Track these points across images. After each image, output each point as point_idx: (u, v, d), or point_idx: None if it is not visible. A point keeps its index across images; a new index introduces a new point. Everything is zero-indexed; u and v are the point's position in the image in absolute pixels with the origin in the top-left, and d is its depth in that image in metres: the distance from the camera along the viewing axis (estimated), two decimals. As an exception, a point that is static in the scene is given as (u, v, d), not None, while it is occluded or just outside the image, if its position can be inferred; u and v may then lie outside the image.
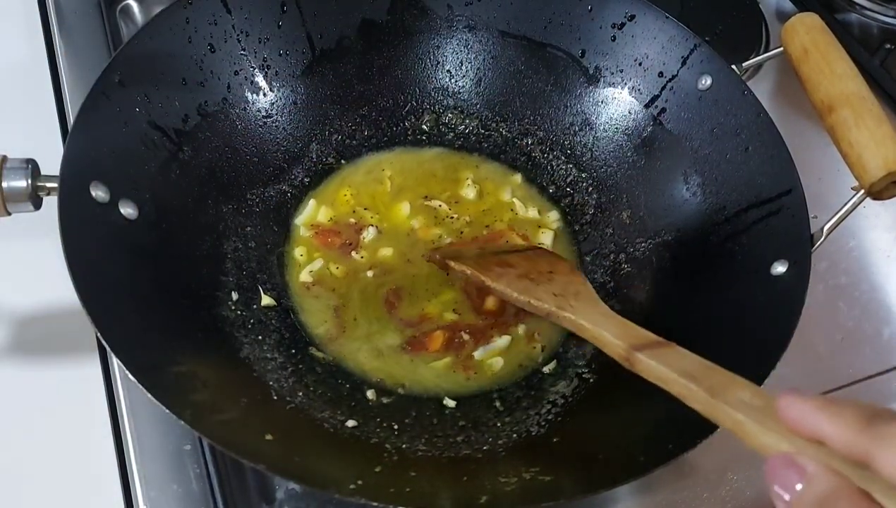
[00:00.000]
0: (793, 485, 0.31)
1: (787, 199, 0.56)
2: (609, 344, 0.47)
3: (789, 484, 0.31)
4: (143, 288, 0.52)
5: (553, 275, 0.56)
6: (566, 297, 0.52)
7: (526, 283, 0.55)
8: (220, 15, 0.63)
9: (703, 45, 0.63)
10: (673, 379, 0.41)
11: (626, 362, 0.45)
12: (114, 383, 0.58)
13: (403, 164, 0.71)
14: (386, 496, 0.44)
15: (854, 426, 0.30)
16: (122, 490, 0.55)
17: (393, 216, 0.67)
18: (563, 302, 0.52)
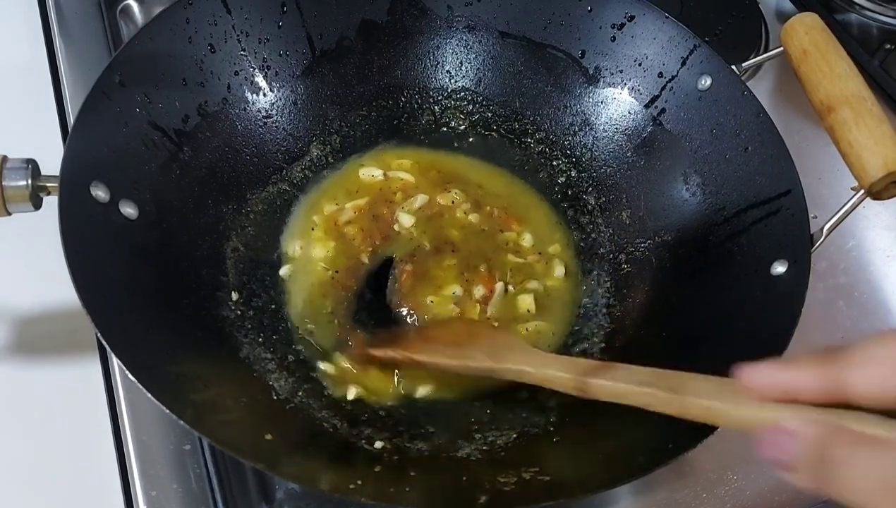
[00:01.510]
0: (786, 450, 0.32)
1: (786, 199, 0.56)
2: (558, 379, 0.48)
3: (783, 450, 0.32)
4: (143, 288, 0.52)
5: (478, 337, 0.55)
6: (499, 351, 0.52)
7: (455, 349, 0.54)
8: (220, 15, 0.63)
9: (703, 46, 0.63)
10: (633, 391, 0.42)
11: (580, 392, 0.46)
12: (114, 383, 0.58)
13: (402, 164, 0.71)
14: (386, 496, 0.44)
15: (815, 368, 0.32)
16: (122, 490, 0.55)
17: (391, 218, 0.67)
18: (498, 357, 0.52)
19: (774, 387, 0.33)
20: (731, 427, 0.35)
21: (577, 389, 0.46)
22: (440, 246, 0.65)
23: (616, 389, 0.43)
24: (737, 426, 0.35)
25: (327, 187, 0.68)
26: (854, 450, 0.30)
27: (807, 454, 0.31)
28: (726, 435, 0.42)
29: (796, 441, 0.32)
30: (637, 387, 0.42)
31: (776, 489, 0.58)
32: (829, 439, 0.31)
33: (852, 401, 0.31)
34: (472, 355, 0.53)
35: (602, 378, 0.44)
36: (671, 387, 0.39)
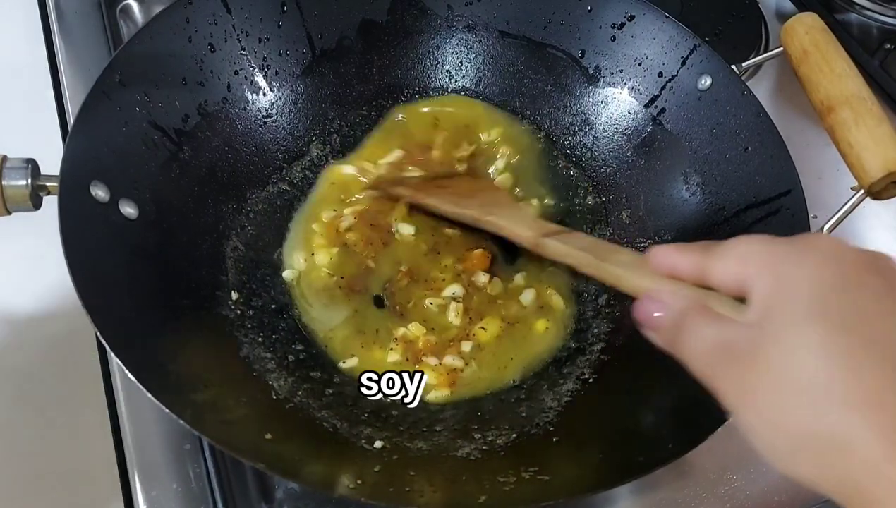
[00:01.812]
0: (653, 314, 0.38)
1: (786, 199, 0.56)
2: (521, 234, 0.57)
3: (651, 314, 0.39)
4: (143, 288, 0.52)
5: (480, 192, 0.65)
6: (489, 207, 0.62)
7: (456, 198, 0.64)
8: (220, 15, 0.63)
9: (703, 45, 0.63)
10: (570, 253, 0.50)
11: (536, 247, 0.54)
12: (114, 383, 0.58)
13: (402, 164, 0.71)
14: (386, 496, 0.44)
15: (696, 254, 0.38)
16: (121, 490, 0.55)
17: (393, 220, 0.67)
18: (485, 210, 0.61)
19: (665, 265, 0.39)
20: (625, 290, 0.42)
21: (534, 245, 0.55)
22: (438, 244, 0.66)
23: (560, 249, 0.52)
24: (628, 290, 0.42)
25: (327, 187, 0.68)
26: (699, 321, 0.36)
27: (667, 319, 0.38)
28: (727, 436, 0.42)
29: (664, 307, 0.38)
30: (574, 250, 0.50)
31: (776, 489, 0.58)
32: (686, 310, 0.37)
33: (713, 286, 0.37)
34: (465, 204, 0.63)
35: (555, 240, 0.53)
36: (598, 254, 0.47)
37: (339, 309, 0.62)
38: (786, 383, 0.32)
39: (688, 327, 0.36)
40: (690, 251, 0.39)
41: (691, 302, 0.37)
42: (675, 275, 0.39)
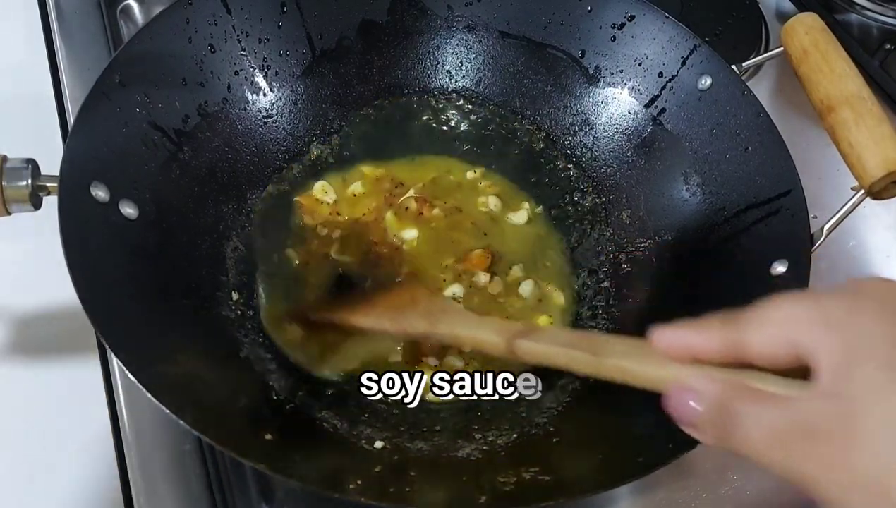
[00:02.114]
0: (690, 407, 0.34)
1: (786, 199, 0.56)
2: (488, 342, 0.49)
3: (687, 408, 0.34)
4: (143, 288, 0.52)
5: (416, 301, 0.56)
6: (435, 315, 0.53)
7: (394, 314, 0.56)
8: (220, 15, 0.63)
9: (703, 46, 0.63)
10: (557, 353, 0.43)
11: (510, 354, 0.47)
12: (114, 383, 0.58)
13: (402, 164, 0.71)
14: (386, 496, 0.44)
15: (717, 330, 0.34)
16: (121, 490, 0.55)
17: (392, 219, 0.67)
18: (434, 321, 0.53)
19: (681, 348, 0.35)
20: (641, 386, 0.37)
21: (507, 351, 0.47)
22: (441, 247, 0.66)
23: (543, 351, 0.44)
24: (646, 384, 0.37)
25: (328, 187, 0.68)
26: (749, 404, 0.32)
27: (709, 410, 0.33)
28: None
29: (699, 398, 0.33)
30: (562, 349, 0.43)
31: (777, 489, 0.58)
32: (729, 395, 0.33)
33: (750, 361, 0.33)
34: (409, 320, 0.54)
35: (531, 340, 0.45)
36: (590, 349, 0.41)
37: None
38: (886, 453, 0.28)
39: (737, 414, 0.32)
40: (709, 327, 0.35)
41: (730, 385, 0.33)
42: (695, 358, 0.35)
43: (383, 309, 0.56)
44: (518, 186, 0.71)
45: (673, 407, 0.35)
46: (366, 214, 0.67)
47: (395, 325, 0.54)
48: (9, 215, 0.51)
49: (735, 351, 0.33)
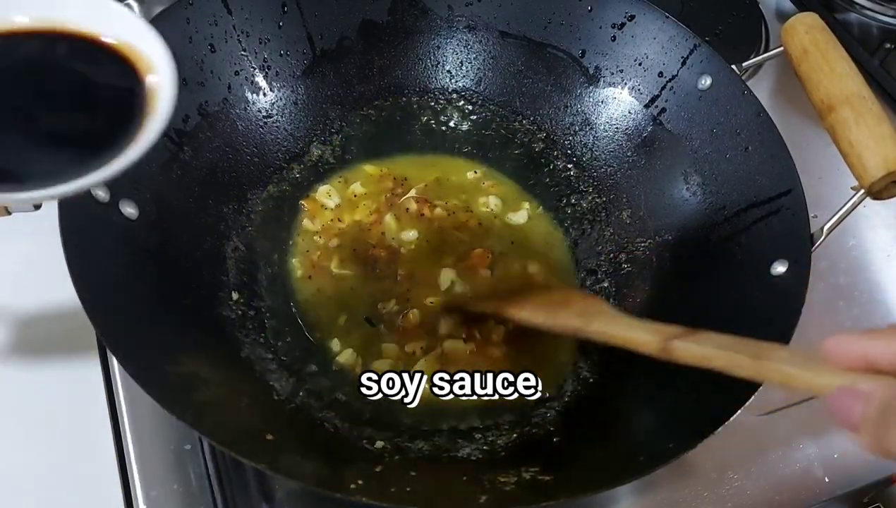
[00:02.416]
0: (854, 410, 0.33)
1: (786, 199, 0.56)
2: (643, 341, 0.49)
3: (851, 410, 0.33)
4: (143, 288, 0.52)
5: (569, 302, 0.58)
6: (588, 316, 0.54)
7: (547, 310, 0.57)
8: (220, 15, 0.63)
9: (703, 45, 0.63)
10: (715, 355, 0.43)
11: (664, 353, 0.47)
12: (114, 383, 0.58)
13: (403, 165, 0.71)
14: (386, 496, 0.44)
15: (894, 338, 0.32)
16: (122, 490, 0.55)
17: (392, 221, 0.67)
18: (587, 320, 0.53)
19: (854, 356, 0.34)
20: (810, 393, 0.37)
21: (661, 351, 0.47)
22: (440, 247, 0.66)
23: (700, 352, 0.44)
24: (816, 391, 0.36)
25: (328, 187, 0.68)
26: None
27: (873, 411, 0.32)
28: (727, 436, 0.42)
29: (864, 401, 0.32)
30: (720, 351, 0.43)
31: (777, 488, 0.58)
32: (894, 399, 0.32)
33: None
34: (563, 315, 0.56)
35: (687, 342, 0.45)
36: (752, 353, 0.40)
37: (340, 309, 0.62)
38: None
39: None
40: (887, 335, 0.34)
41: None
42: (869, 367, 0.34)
43: (538, 304, 0.58)
44: (518, 186, 0.71)
45: (836, 407, 0.34)
46: (366, 217, 0.67)
47: (548, 319, 0.56)
48: (9, 215, 0.51)
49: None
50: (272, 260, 0.63)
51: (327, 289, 0.63)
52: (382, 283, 0.63)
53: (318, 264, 0.64)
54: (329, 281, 0.63)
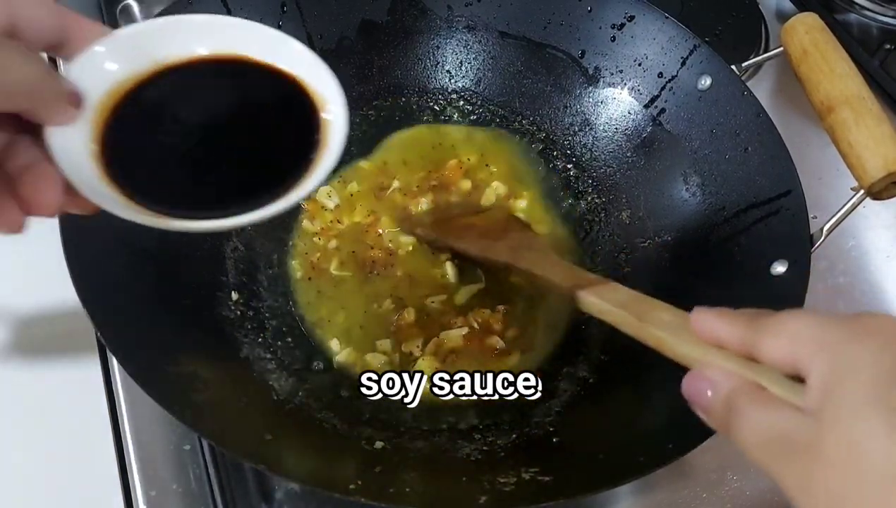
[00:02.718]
0: (704, 393, 0.36)
1: (786, 199, 0.56)
2: (556, 285, 0.53)
3: (701, 394, 0.36)
4: (143, 289, 0.52)
5: (509, 233, 0.62)
6: (520, 250, 0.58)
7: (485, 242, 0.61)
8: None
9: (703, 46, 0.63)
10: (609, 310, 0.46)
11: (571, 299, 0.50)
12: (114, 383, 0.58)
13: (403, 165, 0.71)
14: (386, 496, 0.44)
15: (742, 325, 0.35)
16: (122, 490, 0.55)
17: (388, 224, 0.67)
18: (517, 255, 0.58)
19: (709, 333, 0.37)
20: (672, 358, 0.39)
21: (569, 296, 0.51)
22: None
23: (598, 306, 0.48)
24: (675, 357, 0.39)
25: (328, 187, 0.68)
26: (751, 405, 0.33)
27: (718, 401, 0.35)
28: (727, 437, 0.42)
29: (713, 387, 0.35)
30: (613, 307, 0.46)
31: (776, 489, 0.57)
32: (738, 391, 0.34)
33: (762, 362, 0.34)
34: (495, 249, 0.59)
35: (591, 294, 0.48)
36: (639, 313, 0.43)
37: (339, 310, 0.62)
38: (852, 476, 0.29)
39: (741, 412, 0.34)
40: (737, 321, 0.36)
41: (742, 382, 0.35)
42: (719, 345, 0.37)
43: (478, 234, 0.62)
44: (518, 186, 0.71)
45: (689, 389, 0.37)
46: (364, 219, 0.67)
47: (482, 251, 0.60)
48: None
49: (751, 351, 0.35)
50: (272, 260, 0.63)
51: (327, 290, 0.63)
52: (381, 284, 0.63)
53: (317, 265, 0.64)
54: (328, 282, 0.63)
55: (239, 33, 0.40)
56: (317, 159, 0.38)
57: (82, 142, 0.36)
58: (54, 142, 0.35)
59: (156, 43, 0.39)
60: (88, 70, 0.37)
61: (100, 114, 0.37)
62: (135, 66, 0.38)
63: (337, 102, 0.39)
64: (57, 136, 0.35)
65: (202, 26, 0.39)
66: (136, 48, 0.38)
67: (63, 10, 0.35)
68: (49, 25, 0.35)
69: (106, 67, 0.37)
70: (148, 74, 0.38)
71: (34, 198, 0.34)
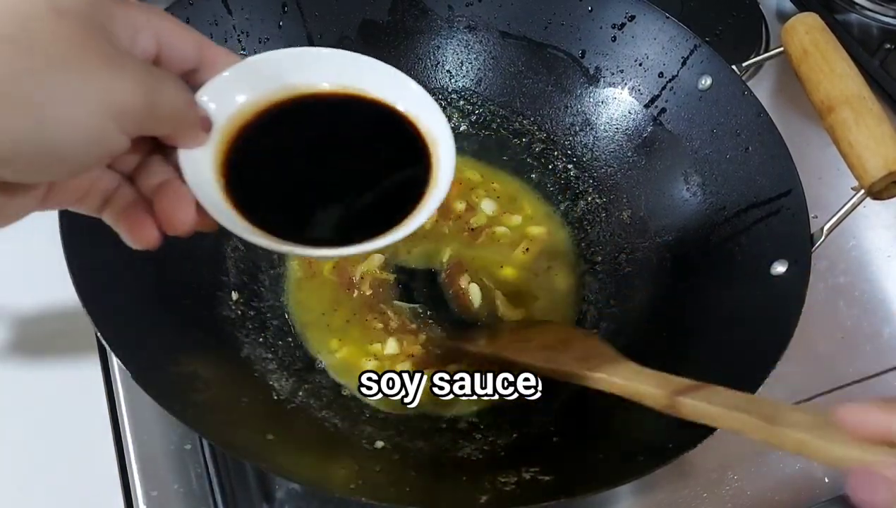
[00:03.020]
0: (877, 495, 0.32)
1: (787, 199, 0.56)
2: (649, 394, 0.47)
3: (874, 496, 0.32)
4: (143, 288, 0.52)
5: (570, 343, 0.56)
6: (590, 360, 0.52)
7: (548, 353, 0.55)
8: (220, 15, 0.63)
9: (703, 46, 0.63)
10: (724, 415, 0.41)
11: (670, 409, 0.45)
12: (114, 383, 0.58)
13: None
14: (386, 496, 0.44)
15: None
16: (122, 490, 0.55)
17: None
18: (591, 365, 0.51)
19: (871, 428, 0.33)
20: (826, 464, 0.36)
21: (667, 406, 0.45)
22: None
23: (708, 411, 0.42)
24: (832, 463, 0.35)
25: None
26: None
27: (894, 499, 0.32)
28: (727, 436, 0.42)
29: (888, 487, 0.32)
30: (731, 412, 0.41)
31: (777, 489, 0.58)
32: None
33: None
34: (563, 359, 0.53)
35: (695, 399, 0.43)
36: (764, 416, 0.39)
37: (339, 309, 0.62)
38: None
39: None
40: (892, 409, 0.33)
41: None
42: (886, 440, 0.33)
43: (537, 347, 0.56)
44: (518, 186, 0.71)
45: (858, 490, 0.33)
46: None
47: (548, 363, 0.54)
48: None
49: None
50: (272, 260, 0.63)
51: (327, 290, 0.63)
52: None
53: (317, 265, 0.64)
54: (328, 282, 0.63)
55: (360, 69, 0.42)
56: (426, 194, 0.40)
57: (207, 165, 0.38)
58: (185, 164, 0.36)
59: (281, 72, 0.41)
60: (216, 95, 0.38)
61: (222, 138, 0.39)
62: (258, 93, 0.40)
63: (447, 143, 0.41)
64: (187, 158, 0.37)
65: (326, 59, 0.41)
66: (261, 76, 0.40)
67: (201, 37, 0.37)
68: (190, 53, 0.36)
69: (231, 93, 0.39)
70: (270, 102, 0.40)
71: (172, 216, 0.36)
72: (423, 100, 0.42)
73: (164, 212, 0.36)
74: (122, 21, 0.33)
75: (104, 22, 0.32)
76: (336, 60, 0.41)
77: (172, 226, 0.36)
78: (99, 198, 0.37)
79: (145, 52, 0.34)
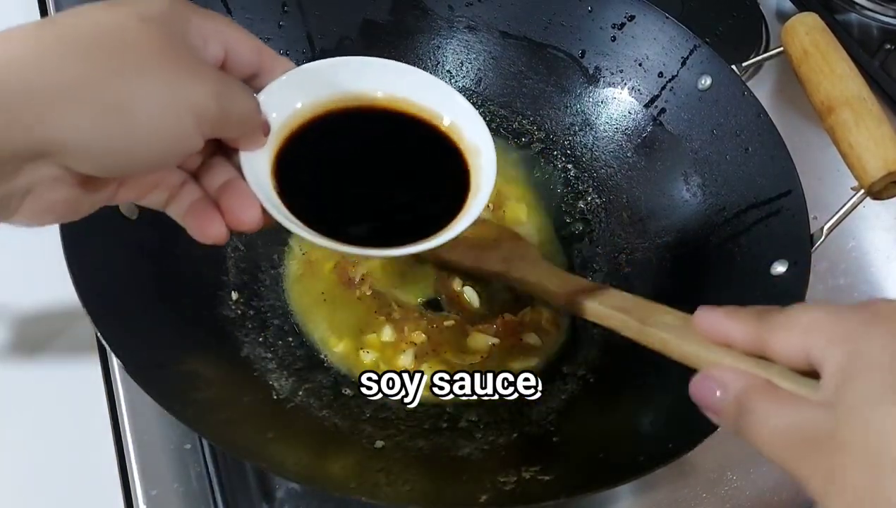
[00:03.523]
0: (713, 394, 0.35)
1: (787, 200, 0.56)
2: (551, 293, 0.53)
3: (711, 395, 0.35)
4: (143, 288, 0.52)
5: (500, 243, 0.61)
6: (513, 260, 0.58)
7: (476, 252, 0.60)
8: (220, 15, 0.63)
9: (703, 46, 0.63)
10: (609, 315, 0.46)
11: (569, 307, 0.50)
12: (114, 383, 0.58)
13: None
14: (386, 495, 0.44)
15: (750, 322, 0.35)
16: (122, 489, 0.55)
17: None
18: (510, 265, 0.58)
19: (717, 332, 0.36)
20: (678, 360, 0.39)
21: (568, 304, 0.50)
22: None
23: (597, 311, 0.48)
24: (681, 359, 0.39)
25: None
26: (763, 402, 0.33)
27: (728, 402, 0.34)
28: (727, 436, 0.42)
29: (721, 388, 0.34)
30: (614, 312, 0.46)
31: (776, 489, 0.58)
32: (749, 389, 0.34)
33: (773, 358, 0.34)
34: (487, 260, 0.59)
35: (589, 299, 0.48)
36: (640, 317, 0.43)
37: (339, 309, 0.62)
38: (874, 466, 0.29)
39: (754, 411, 0.33)
40: (745, 318, 0.36)
41: (754, 380, 0.34)
42: (727, 344, 0.36)
43: (469, 245, 0.60)
44: (518, 186, 0.71)
45: (697, 391, 0.36)
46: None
47: (475, 262, 0.59)
48: None
49: (761, 348, 0.34)
50: (272, 260, 0.63)
51: (327, 290, 0.63)
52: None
53: (316, 264, 0.64)
54: (328, 281, 0.63)
55: (409, 80, 0.45)
56: (469, 201, 0.43)
57: (264, 166, 0.40)
58: (245, 165, 0.39)
59: (334, 80, 0.43)
60: (273, 100, 0.40)
61: (276, 140, 0.41)
62: (312, 98, 0.42)
63: (489, 154, 0.43)
64: (247, 159, 0.39)
65: (377, 68, 0.44)
66: (315, 82, 0.42)
67: (260, 43, 0.40)
68: (252, 60, 0.39)
69: (287, 98, 0.41)
70: (323, 108, 0.43)
71: (241, 214, 0.38)
72: (469, 113, 0.44)
73: (231, 210, 0.38)
74: (196, 29, 0.35)
75: (183, 29, 0.34)
76: (386, 70, 0.44)
77: (240, 224, 0.38)
78: (166, 192, 0.39)
79: (215, 58, 0.37)
